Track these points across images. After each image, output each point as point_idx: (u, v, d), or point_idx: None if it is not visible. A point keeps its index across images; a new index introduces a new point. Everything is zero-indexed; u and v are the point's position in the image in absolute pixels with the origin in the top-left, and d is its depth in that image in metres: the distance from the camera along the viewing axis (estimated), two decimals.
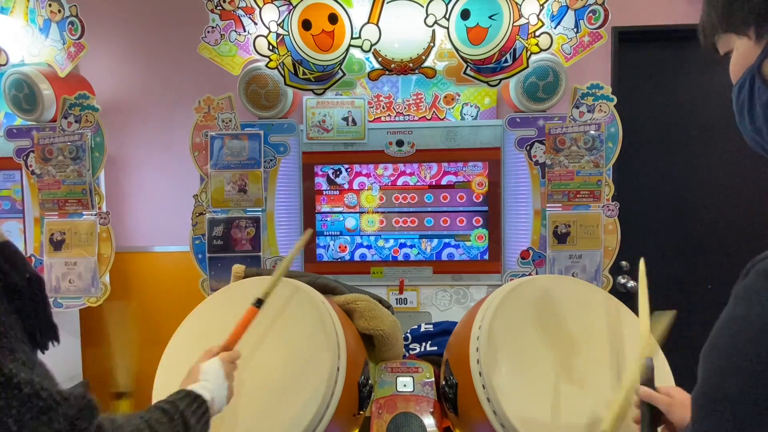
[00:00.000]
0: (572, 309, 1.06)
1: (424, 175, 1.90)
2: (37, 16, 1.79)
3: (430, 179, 1.89)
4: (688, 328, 1.28)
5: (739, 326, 0.49)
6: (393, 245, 1.91)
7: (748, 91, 0.58)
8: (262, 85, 1.79)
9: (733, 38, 0.59)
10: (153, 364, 1.03)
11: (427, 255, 1.90)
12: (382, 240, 1.91)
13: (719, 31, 0.60)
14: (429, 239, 1.90)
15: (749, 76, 0.57)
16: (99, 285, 1.86)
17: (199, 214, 1.83)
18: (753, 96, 0.57)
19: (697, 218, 2.09)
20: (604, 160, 1.73)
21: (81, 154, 1.83)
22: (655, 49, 2.08)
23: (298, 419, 0.90)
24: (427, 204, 1.90)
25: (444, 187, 1.89)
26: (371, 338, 1.32)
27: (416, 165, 1.89)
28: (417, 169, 1.90)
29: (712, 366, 0.51)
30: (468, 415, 1.06)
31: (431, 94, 1.99)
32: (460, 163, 1.88)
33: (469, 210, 1.89)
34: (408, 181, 1.90)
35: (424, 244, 1.90)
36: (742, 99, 0.59)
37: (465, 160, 1.87)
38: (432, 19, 1.64)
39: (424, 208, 1.90)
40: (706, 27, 0.63)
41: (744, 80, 0.58)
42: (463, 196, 1.88)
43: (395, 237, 1.91)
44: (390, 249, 1.91)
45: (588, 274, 1.75)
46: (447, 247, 1.89)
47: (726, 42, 0.61)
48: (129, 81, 2.17)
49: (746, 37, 0.56)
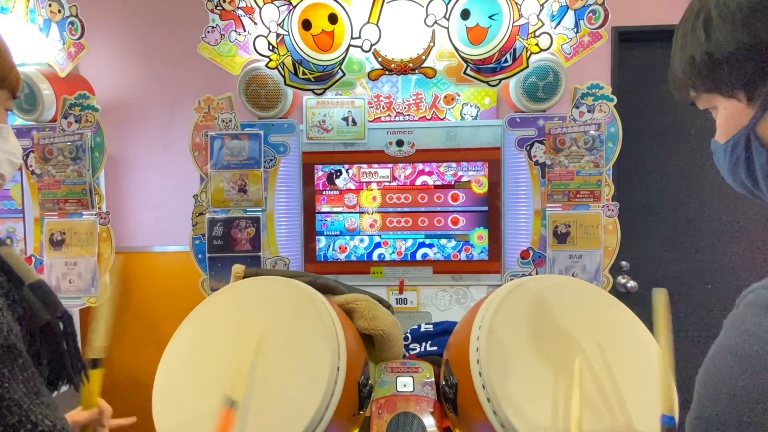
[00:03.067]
0: (572, 309, 1.06)
1: (424, 175, 1.90)
2: (37, 16, 1.79)
3: (430, 179, 1.89)
4: (689, 328, 1.28)
5: (730, 355, 0.50)
6: (393, 245, 1.91)
7: (744, 150, 0.57)
8: (262, 85, 1.79)
9: (718, 98, 0.57)
10: (153, 364, 1.03)
11: (427, 255, 1.90)
12: (382, 240, 1.91)
13: (700, 90, 0.59)
14: (429, 239, 1.90)
15: (743, 137, 0.56)
16: (99, 285, 1.86)
17: (199, 214, 1.83)
18: (750, 155, 0.56)
19: (697, 218, 2.09)
20: (604, 160, 1.73)
21: (81, 154, 1.83)
22: (655, 49, 2.08)
23: (298, 419, 0.90)
24: (427, 204, 1.90)
25: (444, 187, 1.89)
26: (371, 338, 1.32)
27: (416, 165, 1.89)
28: (417, 169, 1.90)
29: (705, 392, 0.52)
30: (468, 415, 1.06)
31: (431, 94, 1.99)
32: (460, 163, 1.88)
33: (469, 210, 1.89)
34: (408, 181, 1.90)
35: (424, 244, 1.90)
36: (737, 156, 0.58)
37: (465, 160, 1.87)
38: (432, 19, 1.64)
39: (424, 208, 1.90)
40: (679, 82, 0.61)
41: (738, 140, 0.57)
42: (463, 196, 1.88)
43: (395, 237, 1.90)
44: (390, 249, 1.91)
45: (588, 274, 1.75)
46: (447, 247, 1.89)
47: (707, 100, 0.59)
48: (129, 81, 2.17)
49: (734, 99, 0.55)
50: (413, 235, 1.90)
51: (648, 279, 2.06)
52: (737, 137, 0.57)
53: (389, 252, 1.91)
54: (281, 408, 0.93)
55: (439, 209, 1.89)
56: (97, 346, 0.85)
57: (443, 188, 1.89)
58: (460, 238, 1.89)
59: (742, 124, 0.56)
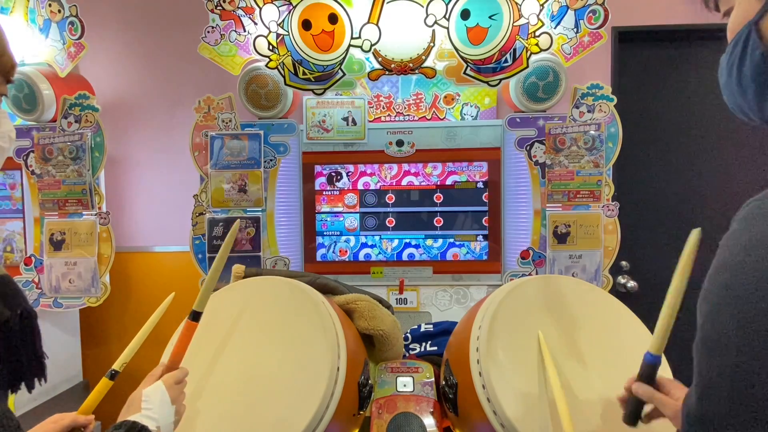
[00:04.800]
0: (572, 309, 1.06)
1: (424, 175, 1.90)
2: (37, 16, 1.79)
3: (430, 179, 1.89)
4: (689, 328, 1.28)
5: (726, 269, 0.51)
6: (393, 245, 1.91)
7: (742, 46, 0.58)
8: (262, 85, 1.79)
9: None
10: (153, 364, 1.03)
11: (427, 255, 1.90)
12: (382, 240, 1.91)
13: None
14: (429, 239, 1.90)
15: (746, 31, 0.57)
16: (99, 285, 1.86)
17: (199, 214, 1.83)
18: (746, 51, 0.57)
19: (697, 218, 2.09)
20: (604, 160, 1.73)
21: (81, 154, 1.83)
22: (655, 49, 2.08)
23: (298, 419, 0.90)
24: (427, 204, 1.90)
25: (444, 187, 1.89)
26: (371, 338, 1.32)
27: (416, 165, 1.89)
28: (417, 169, 1.90)
29: (706, 313, 0.53)
30: (468, 415, 1.06)
31: (431, 94, 1.99)
32: (460, 163, 1.88)
33: (469, 210, 1.89)
34: (408, 181, 1.90)
35: (424, 243, 1.90)
36: (735, 56, 0.59)
37: (465, 160, 1.87)
38: (432, 19, 1.64)
39: (424, 208, 1.90)
40: None
41: (740, 36, 0.58)
42: (464, 196, 1.88)
43: (395, 237, 1.90)
44: (390, 249, 1.91)
45: (588, 274, 1.75)
46: (447, 247, 1.89)
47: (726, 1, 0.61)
48: (129, 81, 2.17)
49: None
50: (413, 235, 1.90)
51: (648, 279, 2.06)
52: (740, 33, 0.58)
53: (389, 252, 1.91)
54: (281, 407, 0.93)
55: (439, 209, 1.89)
56: (122, 362, 0.86)
57: (443, 188, 1.89)
58: (460, 238, 1.89)
59: (750, 18, 0.57)
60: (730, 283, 0.50)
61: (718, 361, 0.50)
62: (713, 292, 0.52)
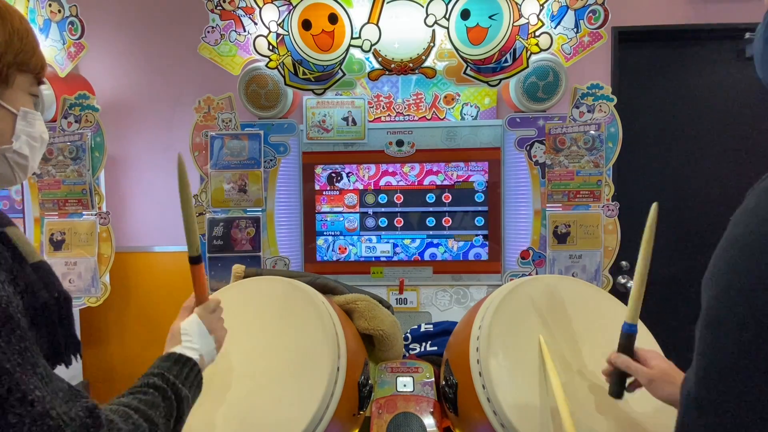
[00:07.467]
0: (572, 309, 1.06)
1: (424, 175, 1.90)
2: (37, 16, 1.79)
3: (430, 179, 1.89)
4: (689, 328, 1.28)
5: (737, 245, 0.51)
6: (393, 245, 1.91)
7: None
8: (262, 85, 1.79)
9: None
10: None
11: (427, 255, 1.90)
12: (382, 240, 1.91)
13: None
14: (429, 239, 1.90)
15: None
16: (99, 285, 1.86)
17: (199, 214, 1.83)
18: None
19: (697, 218, 2.09)
20: (604, 160, 1.73)
21: (81, 154, 1.83)
22: (655, 49, 2.08)
23: (298, 419, 0.90)
24: (427, 204, 1.90)
25: (444, 186, 1.89)
26: (371, 338, 1.32)
27: (416, 165, 1.89)
28: (417, 169, 1.90)
29: (713, 292, 0.52)
30: (468, 415, 1.06)
31: (431, 94, 1.99)
32: (460, 163, 1.88)
33: (469, 210, 1.89)
34: (408, 182, 1.90)
35: (424, 243, 1.90)
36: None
37: (465, 160, 1.87)
38: (432, 19, 1.64)
39: (424, 208, 1.90)
40: None
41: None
42: (464, 196, 1.88)
43: (395, 237, 1.91)
44: (390, 249, 1.91)
45: (588, 274, 1.75)
46: (447, 247, 1.89)
47: None
48: (129, 81, 2.17)
49: None
50: (413, 235, 1.90)
51: (647, 279, 2.06)
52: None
53: (389, 252, 1.91)
54: (282, 407, 0.93)
55: (439, 209, 1.89)
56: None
57: (443, 188, 1.89)
58: (460, 238, 1.89)
59: None
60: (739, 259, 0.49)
61: (723, 340, 0.49)
62: (721, 268, 0.52)
